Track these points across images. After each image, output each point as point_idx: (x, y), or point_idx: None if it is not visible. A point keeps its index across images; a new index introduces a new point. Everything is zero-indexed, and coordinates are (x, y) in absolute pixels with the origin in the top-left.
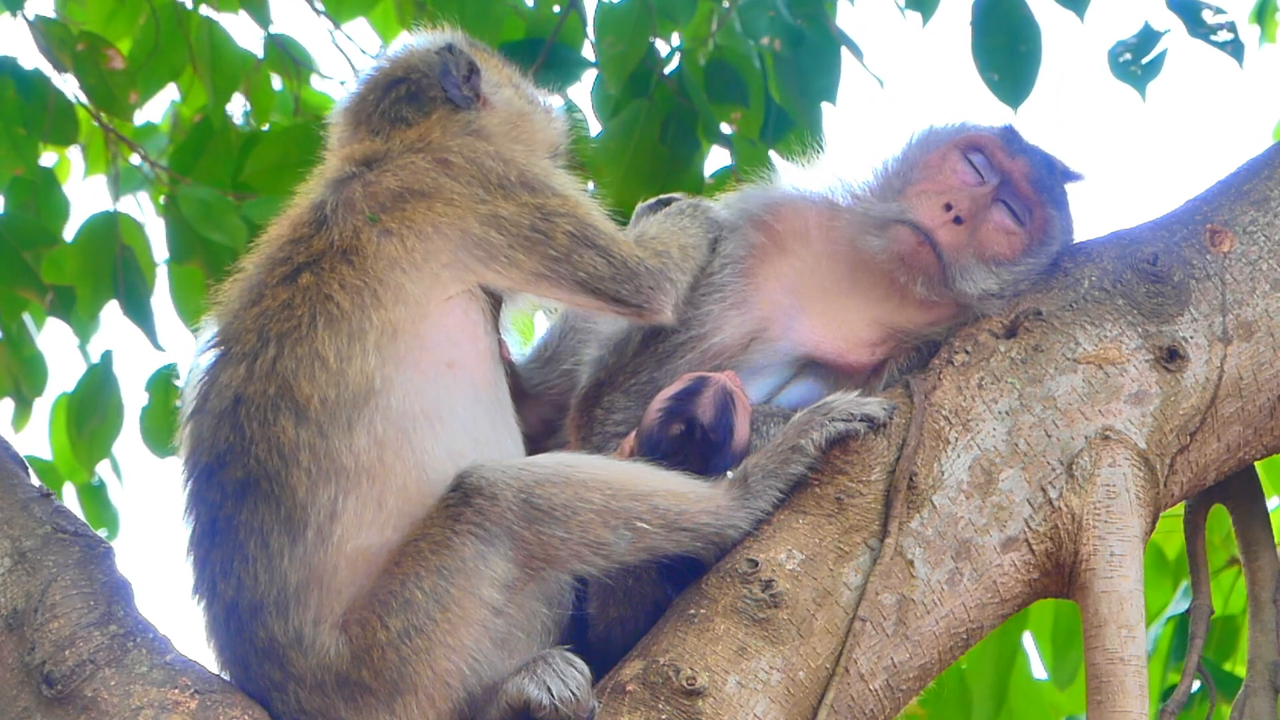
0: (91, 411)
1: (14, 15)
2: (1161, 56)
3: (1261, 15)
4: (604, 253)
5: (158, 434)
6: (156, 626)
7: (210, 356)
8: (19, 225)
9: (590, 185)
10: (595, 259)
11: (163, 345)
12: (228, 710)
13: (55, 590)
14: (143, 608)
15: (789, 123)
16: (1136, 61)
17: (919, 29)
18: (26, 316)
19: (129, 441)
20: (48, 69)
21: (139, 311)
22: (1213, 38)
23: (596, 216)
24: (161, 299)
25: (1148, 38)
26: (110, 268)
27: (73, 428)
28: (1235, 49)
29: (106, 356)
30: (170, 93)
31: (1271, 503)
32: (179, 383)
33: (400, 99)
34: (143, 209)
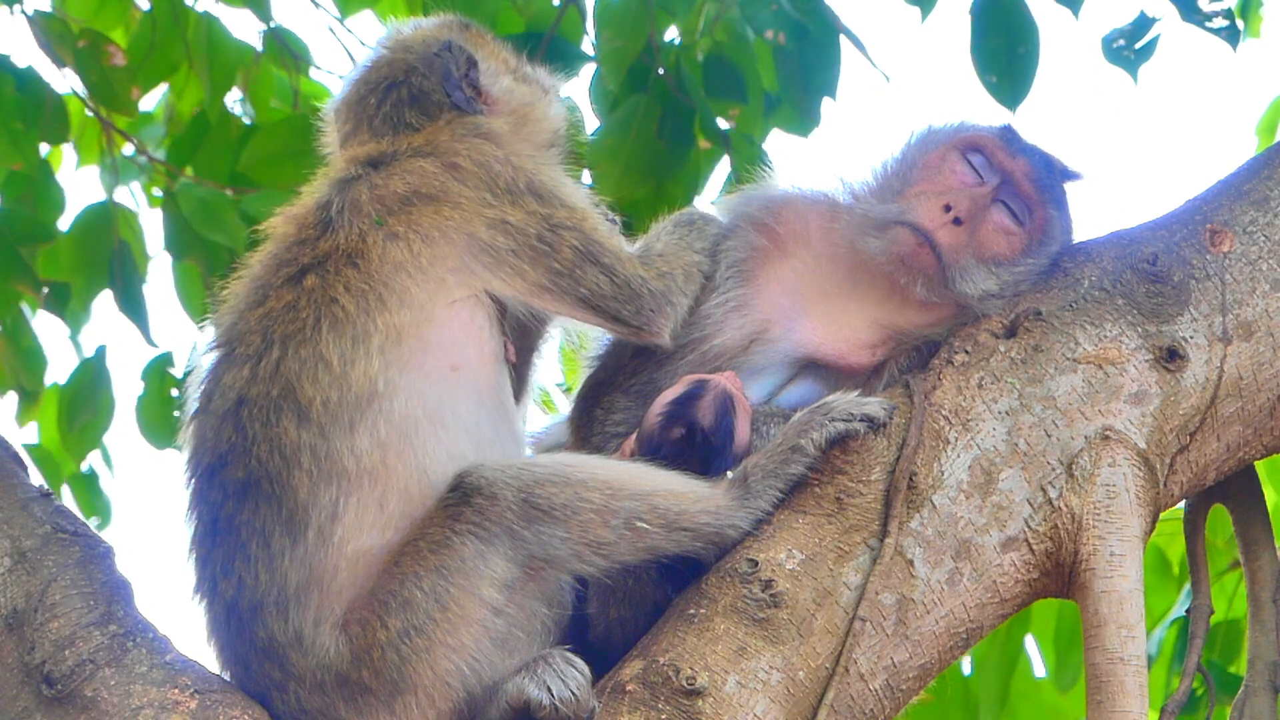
0: (83, 406)
1: (11, 11)
2: (1154, 41)
3: (1245, 10)
4: (608, 271)
5: (155, 425)
6: (156, 626)
7: (214, 357)
8: (15, 220)
9: (585, 176)
10: (599, 276)
11: (155, 341)
12: (228, 710)
13: (55, 590)
14: (142, 605)
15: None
16: (1130, 47)
17: (918, 25)
18: (24, 307)
19: (121, 431)
20: (46, 66)
21: (133, 306)
22: (1208, 24)
23: (603, 232)
24: (157, 289)
25: (1141, 25)
26: (106, 259)
27: (64, 421)
28: (1230, 34)
29: (100, 351)
30: (165, 83)
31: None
32: (174, 371)
33: (402, 102)
34: (137, 200)
